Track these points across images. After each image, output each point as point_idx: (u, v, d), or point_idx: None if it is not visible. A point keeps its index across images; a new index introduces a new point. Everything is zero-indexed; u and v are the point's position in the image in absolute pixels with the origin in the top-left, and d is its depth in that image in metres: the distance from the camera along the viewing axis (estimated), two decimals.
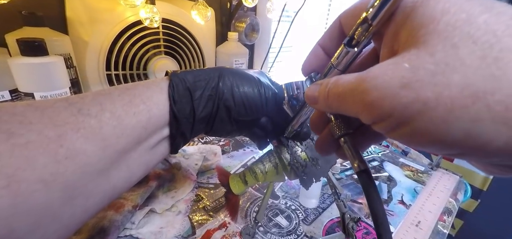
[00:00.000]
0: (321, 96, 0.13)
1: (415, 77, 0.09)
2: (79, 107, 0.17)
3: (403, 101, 0.09)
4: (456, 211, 0.38)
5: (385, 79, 0.10)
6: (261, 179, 0.24)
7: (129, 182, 0.21)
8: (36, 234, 0.15)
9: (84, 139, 0.17)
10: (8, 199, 0.13)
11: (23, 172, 0.14)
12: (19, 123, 0.15)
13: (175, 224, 0.31)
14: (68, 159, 0.16)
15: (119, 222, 0.29)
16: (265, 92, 0.24)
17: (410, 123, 0.09)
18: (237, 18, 0.70)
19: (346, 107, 0.12)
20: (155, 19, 0.47)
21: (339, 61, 0.14)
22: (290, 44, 1.03)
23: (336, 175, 0.43)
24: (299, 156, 0.24)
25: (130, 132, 0.19)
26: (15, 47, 0.34)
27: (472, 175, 1.01)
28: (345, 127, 0.15)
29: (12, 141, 0.14)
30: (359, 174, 0.13)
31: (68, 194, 0.16)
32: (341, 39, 0.15)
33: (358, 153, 0.14)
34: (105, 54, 0.47)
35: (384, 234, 0.12)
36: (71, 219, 0.17)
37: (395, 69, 0.10)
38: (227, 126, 0.24)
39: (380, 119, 0.10)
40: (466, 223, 1.09)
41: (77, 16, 0.44)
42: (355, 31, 0.13)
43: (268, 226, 0.31)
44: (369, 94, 0.10)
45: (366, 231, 0.32)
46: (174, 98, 0.21)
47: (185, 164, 0.41)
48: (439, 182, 0.43)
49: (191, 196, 0.35)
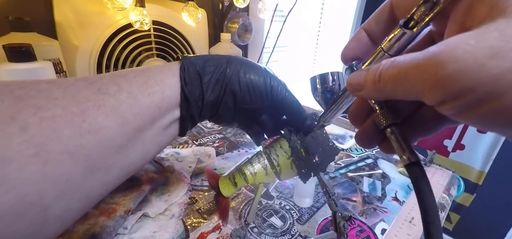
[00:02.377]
0: (369, 81, 0.12)
1: (508, 46, 0.08)
2: (99, 87, 0.19)
3: (492, 73, 0.08)
4: (450, 206, 0.38)
5: (467, 49, 0.09)
6: (251, 180, 0.24)
7: (144, 159, 0.22)
8: (61, 202, 0.16)
9: (104, 115, 0.18)
10: (37, 166, 0.14)
11: (51, 142, 0.15)
12: (45, 98, 0.16)
13: (168, 228, 0.30)
14: (90, 133, 0.17)
15: (111, 228, 0.28)
16: (270, 81, 0.25)
17: (498, 98, 0.08)
18: (230, 19, 0.70)
19: (406, 88, 0.10)
20: (145, 22, 0.46)
21: (391, 45, 0.13)
22: (285, 44, 1.03)
23: (330, 173, 0.43)
24: (299, 151, 0.23)
25: (145, 110, 0.20)
26: (2, 53, 0.34)
27: (468, 170, 1.02)
28: (392, 116, 0.13)
29: (40, 114, 0.15)
30: (409, 167, 0.12)
31: (89, 167, 0.17)
32: (390, 23, 0.15)
33: (408, 143, 0.13)
34: (96, 58, 0.47)
35: (435, 233, 0.11)
36: (92, 191, 0.18)
37: (481, 40, 0.09)
38: (230, 113, 0.25)
39: (456, 96, 0.09)
40: (462, 217, 1.10)
41: (66, 20, 0.44)
42: (416, 11, 0.12)
43: (262, 227, 0.31)
44: (445, 67, 0.09)
45: (360, 229, 0.32)
46: (185, 80, 0.22)
47: (178, 166, 0.40)
48: (432, 178, 0.43)
49: (185, 199, 0.35)
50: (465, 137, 0.99)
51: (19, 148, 0.14)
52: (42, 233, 0.16)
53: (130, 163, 0.21)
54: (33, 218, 0.15)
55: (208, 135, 0.52)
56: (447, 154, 1.04)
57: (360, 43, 0.16)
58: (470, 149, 1.00)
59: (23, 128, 0.14)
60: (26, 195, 0.14)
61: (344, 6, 1.09)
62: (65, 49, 0.44)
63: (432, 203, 0.11)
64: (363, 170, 0.45)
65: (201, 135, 0.52)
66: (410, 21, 0.12)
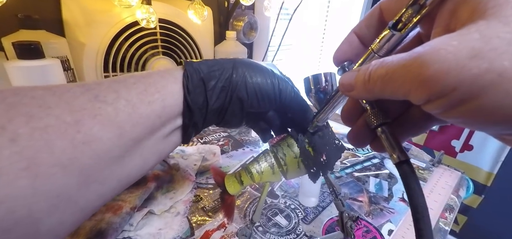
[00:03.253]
0: (360, 81, 0.13)
1: (487, 47, 0.08)
2: (96, 94, 0.17)
3: (473, 73, 0.08)
4: (458, 207, 0.38)
5: (449, 50, 0.09)
6: (257, 179, 0.24)
7: (142, 169, 0.21)
8: (53, 216, 0.15)
9: (100, 125, 0.17)
10: (28, 181, 0.14)
11: (42, 155, 0.14)
12: (38, 106, 0.15)
13: (173, 225, 0.31)
14: (85, 144, 0.16)
15: (117, 224, 0.28)
16: (279, 84, 0.24)
17: (478, 97, 0.09)
18: (235, 17, 0.70)
19: (393, 88, 0.11)
20: (151, 20, 0.46)
21: (381, 46, 0.13)
22: (289, 42, 1.02)
23: (336, 173, 0.42)
24: (307, 150, 0.23)
25: (144, 120, 0.19)
26: (11, 50, 0.34)
27: (476, 171, 1.00)
28: (383, 116, 0.14)
29: (31, 124, 0.14)
30: (399, 165, 0.12)
31: (84, 179, 0.16)
32: (379, 26, 0.15)
33: (398, 142, 0.13)
34: (102, 56, 0.47)
35: (425, 229, 0.11)
36: (87, 204, 0.17)
37: (462, 41, 0.09)
38: (237, 118, 0.24)
39: (439, 95, 0.09)
40: (470, 219, 1.08)
41: (73, 18, 0.44)
42: (404, 13, 0.12)
43: (267, 226, 0.31)
44: (429, 67, 0.09)
45: (366, 229, 0.32)
46: (188, 89, 0.21)
47: (183, 164, 0.40)
48: (440, 179, 0.42)
49: (190, 197, 0.35)
50: (474, 137, 0.97)
51: (8, 161, 0.13)
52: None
53: (128, 174, 0.20)
54: (24, 233, 0.14)
55: (213, 133, 0.52)
56: (454, 155, 1.03)
57: (351, 46, 0.16)
58: (478, 150, 0.98)
59: (13, 139, 0.13)
60: (15, 211, 0.13)
61: (350, 5, 1.07)
62: (73, 47, 0.45)
63: (421, 200, 0.12)
64: (370, 170, 0.44)
65: (206, 133, 0.52)
66: (398, 23, 0.12)
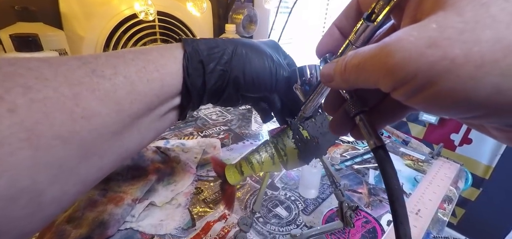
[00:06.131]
0: (337, 72, 0.13)
1: (442, 36, 0.09)
2: (93, 68, 0.17)
3: (429, 60, 0.09)
4: (457, 199, 0.38)
5: (410, 40, 0.10)
6: (258, 169, 0.24)
7: (140, 145, 0.21)
8: (55, 186, 0.16)
9: (99, 100, 0.17)
10: (29, 151, 0.14)
11: (42, 127, 0.14)
12: (35, 78, 0.15)
13: (175, 216, 0.31)
14: (84, 118, 0.16)
15: (119, 215, 0.29)
16: (276, 72, 0.24)
17: (436, 83, 0.09)
18: (234, 10, 0.69)
19: (365, 77, 0.11)
20: (150, 12, 0.46)
21: (357, 37, 0.14)
22: (290, 37, 1.01)
23: (336, 166, 0.43)
24: (301, 133, 0.24)
25: (142, 98, 0.19)
26: (9, 43, 0.34)
27: (474, 164, 1.00)
28: (360, 104, 0.14)
29: (30, 96, 0.14)
30: (375, 150, 0.13)
31: (83, 153, 0.16)
32: (357, 18, 0.15)
33: (374, 130, 0.14)
34: (101, 48, 0.47)
35: (399, 209, 0.12)
36: (88, 176, 0.18)
37: (421, 31, 0.10)
38: (234, 99, 0.25)
39: (403, 82, 0.10)
40: (467, 212, 1.09)
41: (71, 11, 0.44)
42: (376, 5, 0.13)
43: (268, 217, 0.32)
44: (393, 56, 0.10)
45: (365, 220, 0.32)
46: (188, 72, 0.21)
47: (184, 157, 0.41)
48: (439, 171, 0.42)
49: (190, 189, 0.35)
50: (473, 131, 0.97)
51: (9, 131, 0.13)
52: (38, 216, 0.15)
53: (126, 148, 0.20)
54: (28, 202, 0.14)
55: (213, 126, 0.52)
56: (453, 148, 1.03)
57: (332, 38, 0.17)
58: (477, 143, 0.98)
59: (12, 110, 0.13)
60: (18, 180, 0.14)
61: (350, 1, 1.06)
62: (71, 39, 0.44)
63: (395, 183, 0.12)
64: (369, 163, 0.44)
65: (206, 126, 0.52)
66: (372, 15, 0.13)
